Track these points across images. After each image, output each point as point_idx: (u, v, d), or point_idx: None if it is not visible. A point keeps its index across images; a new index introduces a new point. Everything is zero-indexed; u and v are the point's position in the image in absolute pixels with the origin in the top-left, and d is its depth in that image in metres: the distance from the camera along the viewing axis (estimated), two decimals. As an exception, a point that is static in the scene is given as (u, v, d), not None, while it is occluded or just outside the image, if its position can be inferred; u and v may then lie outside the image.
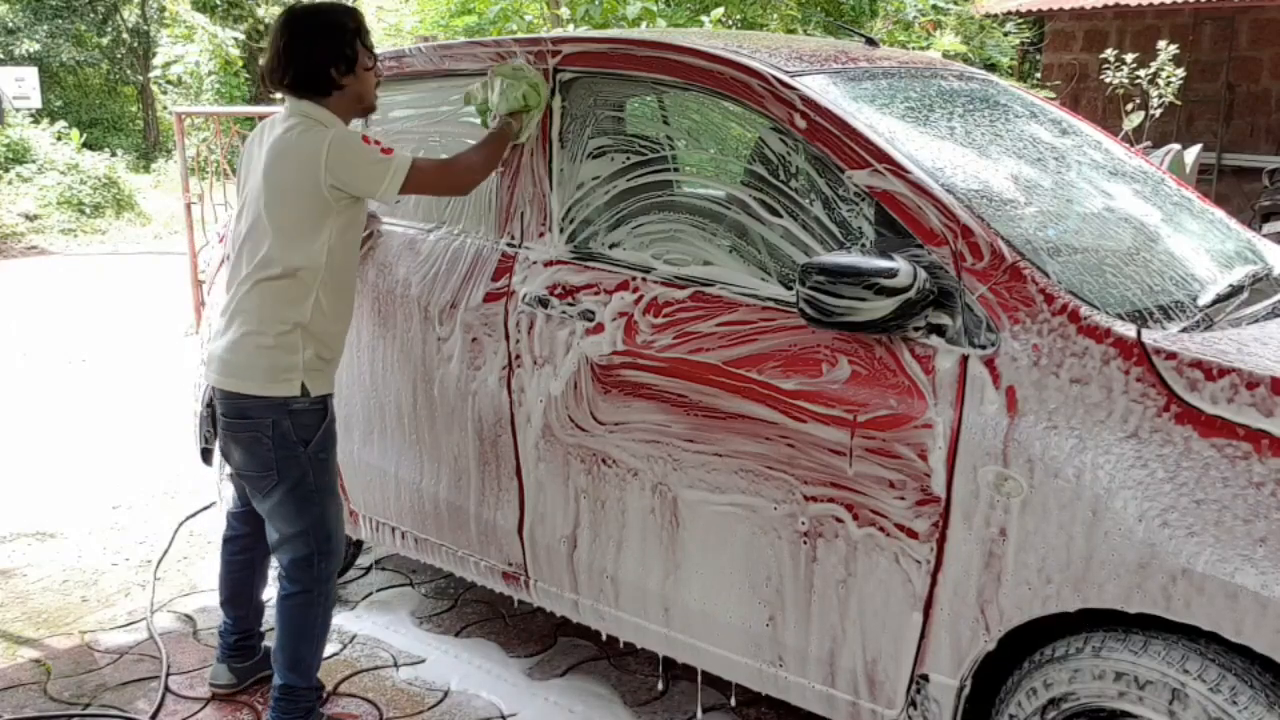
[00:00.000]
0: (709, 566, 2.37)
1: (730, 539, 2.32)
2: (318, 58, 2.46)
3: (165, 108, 19.28)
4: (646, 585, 2.50)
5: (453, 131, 3.01)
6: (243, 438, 2.54)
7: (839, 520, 2.14)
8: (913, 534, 2.05)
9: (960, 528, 1.99)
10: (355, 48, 2.48)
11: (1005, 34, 12.45)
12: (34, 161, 13.19)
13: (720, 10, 8.62)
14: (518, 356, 2.64)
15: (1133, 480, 1.79)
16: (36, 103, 14.73)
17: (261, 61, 2.51)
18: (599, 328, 2.49)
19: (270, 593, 2.77)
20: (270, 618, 2.72)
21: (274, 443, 2.51)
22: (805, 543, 2.20)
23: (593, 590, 2.62)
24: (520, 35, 3.23)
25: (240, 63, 17.54)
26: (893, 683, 2.15)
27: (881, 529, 2.08)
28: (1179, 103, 8.33)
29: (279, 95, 2.53)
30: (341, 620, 3.31)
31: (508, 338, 2.66)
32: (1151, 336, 1.87)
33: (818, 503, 2.16)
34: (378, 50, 2.68)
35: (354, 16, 2.52)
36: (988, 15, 11.60)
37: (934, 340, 2.02)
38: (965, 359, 1.99)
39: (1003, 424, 1.93)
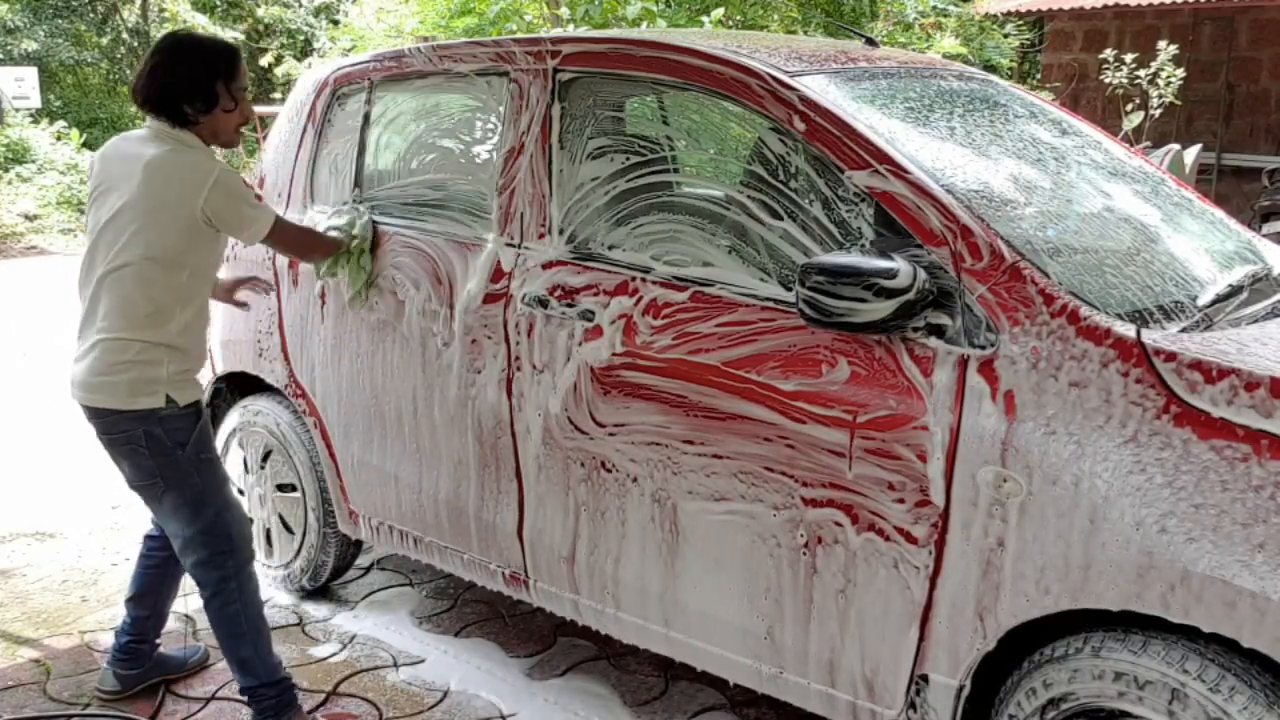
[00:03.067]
0: (709, 575, 2.37)
1: (730, 548, 2.32)
2: (175, 90, 2.48)
3: (165, 108, 19.21)
4: (646, 592, 2.50)
5: (450, 130, 3.01)
6: (121, 450, 2.56)
7: (838, 525, 2.14)
8: (912, 538, 2.04)
9: (959, 530, 1.99)
10: (215, 90, 2.49)
11: (1005, 35, 12.45)
12: (33, 161, 13.18)
13: (720, 11, 8.62)
14: (517, 358, 2.64)
15: (1131, 486, 1.79)
16: (36, 103, 14.71)
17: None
18: (598, 330, 2.49)
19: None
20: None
21: (150, 451, 2.52)
22: (805, 553, 2.20)
23: (593, 592, 2.62)
24: (520, 35, 3.23)
25: (240, 63, 17.52)
26: (892, 683, 2.15)
27: (881, 532, 2.08)
28: (1179, 103, 8.33)
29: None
30: (341, 620, 3.31)
31: (507, 340, 2.66)
32: (1151, 336, 1.86)
33: (817, 506, 2.16)
34: (378, 50, 2.69)
35: (226, 58, 2.53)
36: (987, 16, 11.61)
37: (933, 341, 2.02)
38: (965, 360, 1.99)
39: (1001, 427, 1.93)
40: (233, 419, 3.47)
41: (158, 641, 2.93)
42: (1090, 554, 1.82)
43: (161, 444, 2.53)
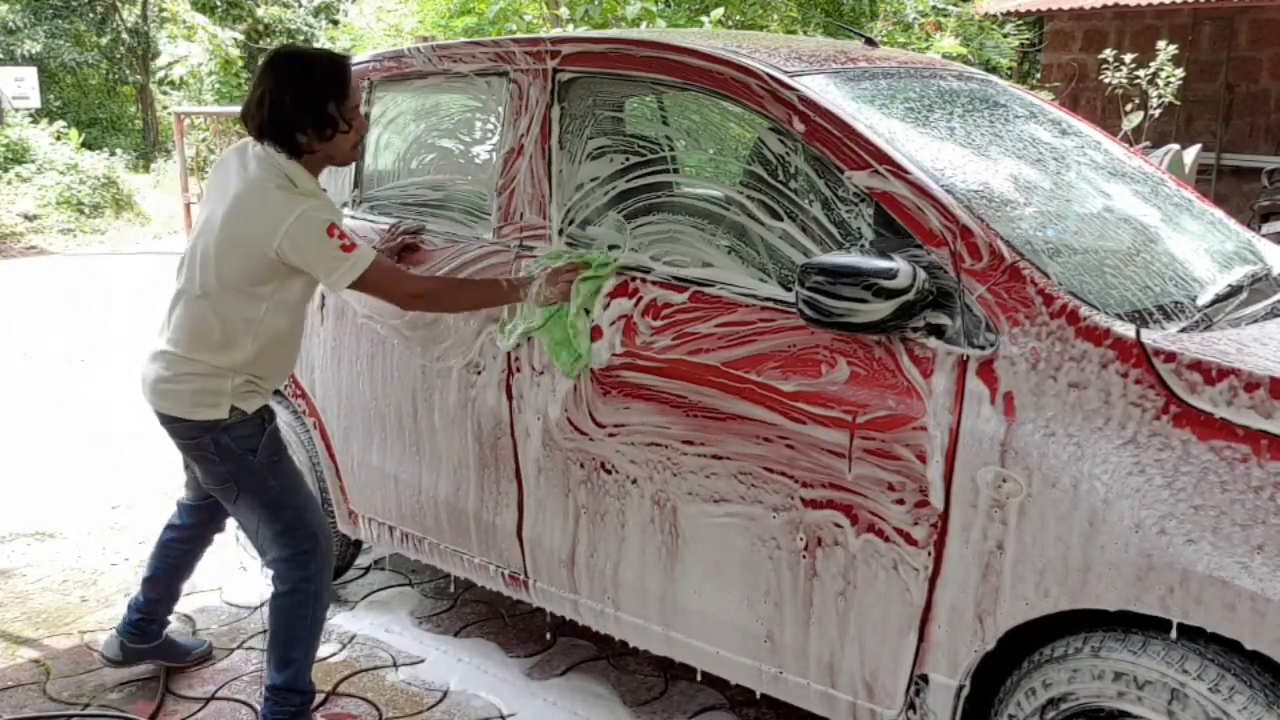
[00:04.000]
0: (709, 579, 2.37)
1: (730, 551, 2.32)
2: (289, 120, 2.35)
3: (165, 108, 19.29)
4: (646, 596, 2.50)
5: (450, 130, 3.01)
6: (193, 455, 2.57)
7: (838, 526, 2.14)
8: (911, 540, 2.04)
9: (958, 533, 1.98)
10: (330, 114, 2.36)
11: (1005, 35, 12.45)
12: (33, 161, 13.17)
13: (720, 11, 8.62)
14: (516, 360, 2.64)
15: (1130, 488, 1.79)
16: (36, 103, 14.72)
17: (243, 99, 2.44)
18: (597, 331, 2.48)
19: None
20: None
21: (220, 458, 2.51)
22: (805, 556, 2.20)
23: (593, 594, 2.62)
24: (520, 35, 3.23)
25: (240, 63, 17.55)
26: (892, 684, 2.15)
27: (880, 533, 2.08)
28: (1178, 103, 8.33)
29: None
30: (341, 620, 3.31)
31: (507, 338, 2.66)
32: (1151, 337, 1.86)
33: (817, 508, 2.16)
34: (377, 50, 2.67)
35: (339, 77, 2.38)
36: (987, 16, 11.61)
37: (933, 341, 2.02)
38: (964, 361, 1.99)
39: (1001, 429, 1.92)
40: (232, 419, 3.46)
41: (168, 620, 2.96)
42: (1089, 557, 1.82)
43: (231, 452, 2.51)
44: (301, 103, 2.35)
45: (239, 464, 2.52)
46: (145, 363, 2.56)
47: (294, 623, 2.62)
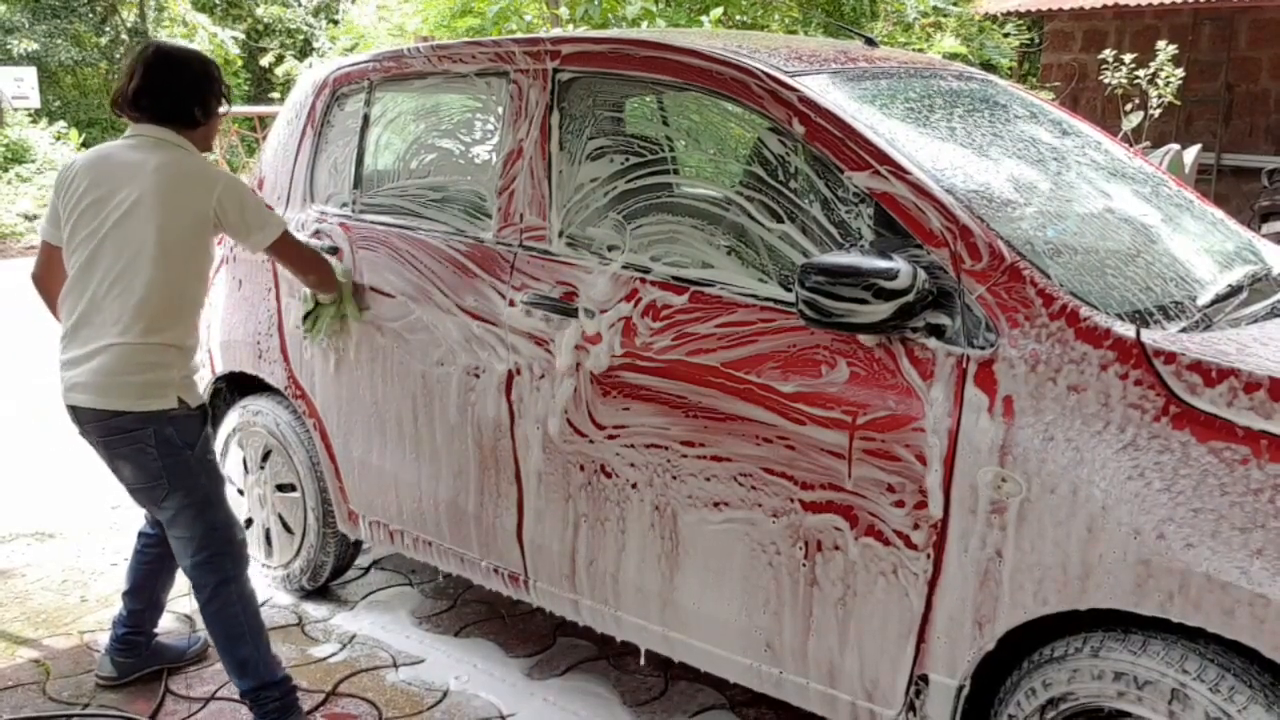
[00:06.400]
0: (709, 589, 2.37)
1: (729, 557, 2.32)
2: (188, 95, 2.59)
3: (164, 107, 19.20)
4: (646, 602, 2.50)
5: (450, 131, 3.01)
6: (126, 452, 2.56)
7: (837, 529, 2.13)
8: (911, 544, 2.04)
9: (958, 536, 1.98)
10: (217, 95, 2.66)
11: (1005, 35, 12.45)
12: (33, 161, 13.18)
13: (720, 11, 8.62)
14: (516, 364, 2.64)
15: (1129, 493, 1.78)
16: (35, 102, 14.71)
17: (119, 84, 2.65)
18: (596, 335, 2.48)
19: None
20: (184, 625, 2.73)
21: (159, 450, 2.54)
22: (805, 564, 2.20)
23: (593, 597, 2.62)
24: (519, 35, 3.23)
25: (240, 62, 17.54)
26: (892, 684, 2.14)
27: (880, 535, 2.08)
28: (1178, 103, 8.33)
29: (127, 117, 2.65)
30: (341, 620, 3.31)
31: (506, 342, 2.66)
32: (1151, 337, 1.86)
33: (817, 511, 2.15)
34: (378, 50, 2.71)
35: (215, 65, 2.71)
36: (987, 16, 11.60)
37: (933, 342, 2.02)
38: (964, 361, 1.98)
39: (1000, 432, 1.92)
40: (232, 419, 3.47)
41: (155, 632, 2.96)
42: (1088, 563, 1.82)
43: (171, 444, 2.54)
44: (197, 83, 2.62)
45: (175, 458, 2.55)
46: (73, 366, 2.54)
47: (229, 624, 2.63)
